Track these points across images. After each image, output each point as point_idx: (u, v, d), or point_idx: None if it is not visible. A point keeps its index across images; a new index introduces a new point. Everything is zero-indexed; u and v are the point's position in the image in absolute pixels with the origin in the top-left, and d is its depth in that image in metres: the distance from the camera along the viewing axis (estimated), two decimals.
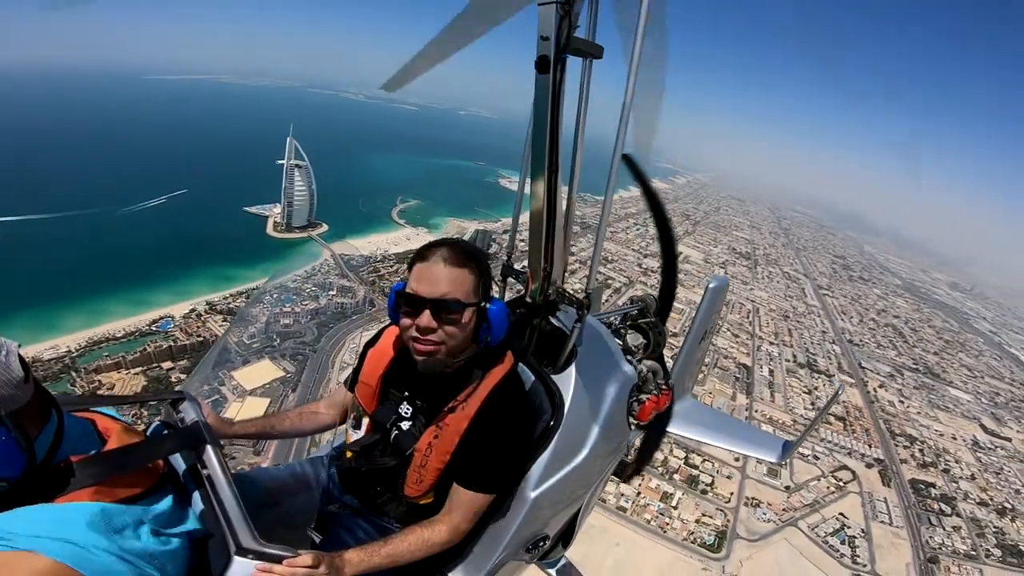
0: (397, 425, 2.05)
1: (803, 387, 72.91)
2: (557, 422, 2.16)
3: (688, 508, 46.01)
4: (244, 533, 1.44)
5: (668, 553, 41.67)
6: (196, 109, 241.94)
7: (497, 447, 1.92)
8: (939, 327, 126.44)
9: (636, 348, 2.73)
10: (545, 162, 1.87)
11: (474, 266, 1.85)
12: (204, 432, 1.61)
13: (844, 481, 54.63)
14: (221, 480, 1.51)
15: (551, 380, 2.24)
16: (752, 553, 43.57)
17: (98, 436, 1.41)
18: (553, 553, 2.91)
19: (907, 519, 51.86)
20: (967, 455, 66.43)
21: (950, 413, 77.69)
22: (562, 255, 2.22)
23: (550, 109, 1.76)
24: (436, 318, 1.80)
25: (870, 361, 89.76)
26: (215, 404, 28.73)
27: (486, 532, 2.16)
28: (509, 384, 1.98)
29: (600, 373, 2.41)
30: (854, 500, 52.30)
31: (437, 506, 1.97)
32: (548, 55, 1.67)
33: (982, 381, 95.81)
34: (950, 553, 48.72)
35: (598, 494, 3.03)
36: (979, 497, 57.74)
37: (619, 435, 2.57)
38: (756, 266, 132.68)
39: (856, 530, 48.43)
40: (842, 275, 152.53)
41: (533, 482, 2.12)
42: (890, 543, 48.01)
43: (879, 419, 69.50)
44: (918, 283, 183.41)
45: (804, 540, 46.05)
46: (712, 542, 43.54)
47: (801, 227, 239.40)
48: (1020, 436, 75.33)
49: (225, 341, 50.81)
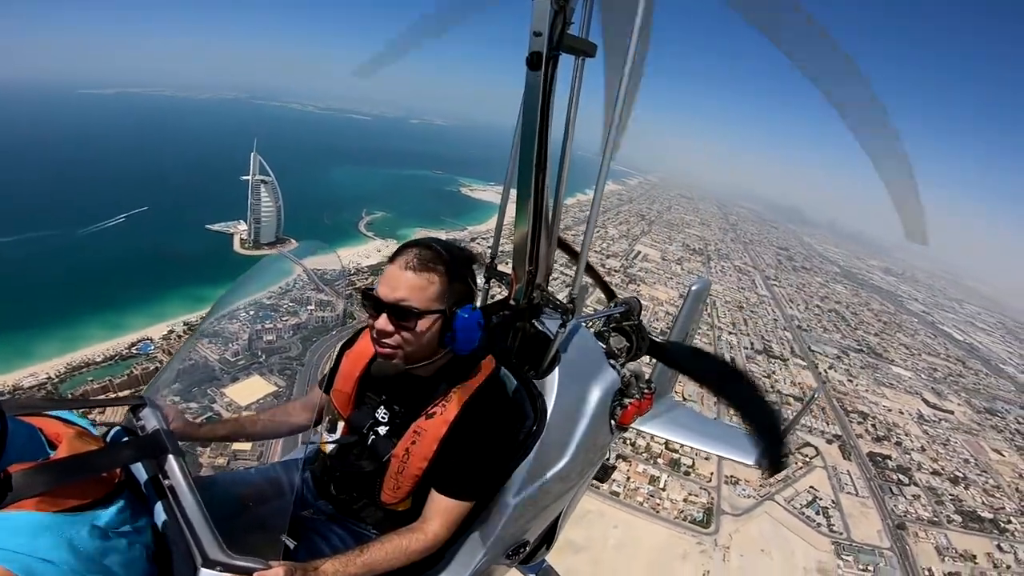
0: (374, 430, 2.00)
1: (762, 372, 76.64)
2: (539, 428, 2.11)
3: (675, 489, 48.83)
4: (211, 544, 1.40)
5: (663, 531, 44.38)
6: (141, 124, 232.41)
7: (477, 453, 1.88)
8: (877, 310, 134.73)
9: (619, 351, 2.74)
10: (533, 160, 1.85)
11: (442, 271, 1.78)
12: (165, 440, 1.53)
13: (809, 457, 58.28)
14: (184, 490, 1.44)
15: (534, 385, 2.19)
16: (739, 527, 46.72)
17: (47, 443, 1.34)
18: (535, 556, 2.88)
19: (871, 490, 55.69)
20: (915, 428, 71.30)
21: (895, 389, 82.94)
22: (547, 258, 2.22)
23: (540, 107, 1.74)
24: (393, 323, 1.76)
25: (818, 344, 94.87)
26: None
27: (466, 538, 2.11)
28: (489, 389, 1.93)
29: (584, 378, 2.40)
30: (821, 474, 56.06)
31: (415, 512, 1.92)
32: (541, 51, 1.64)
33: (920, 358, 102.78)
34: (915, 520, 52.30)
35: (579, 497, 2.96)
36: (932, 467, 61.91)
37: (601, 439, 2.54)
38: (709, 261, 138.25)
39: (827, 501, 52.14)
40: (787, 265, 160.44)
41: (515, 488, 2.08)
42: (859, 512, 51.77)
43: (832, 398, 73.95)
44: (855, 270, 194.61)
45: (783, 513, 49.54)
46: (701, 518, 46.42)
47: (747, 222, 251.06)
48: (961, 409, 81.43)
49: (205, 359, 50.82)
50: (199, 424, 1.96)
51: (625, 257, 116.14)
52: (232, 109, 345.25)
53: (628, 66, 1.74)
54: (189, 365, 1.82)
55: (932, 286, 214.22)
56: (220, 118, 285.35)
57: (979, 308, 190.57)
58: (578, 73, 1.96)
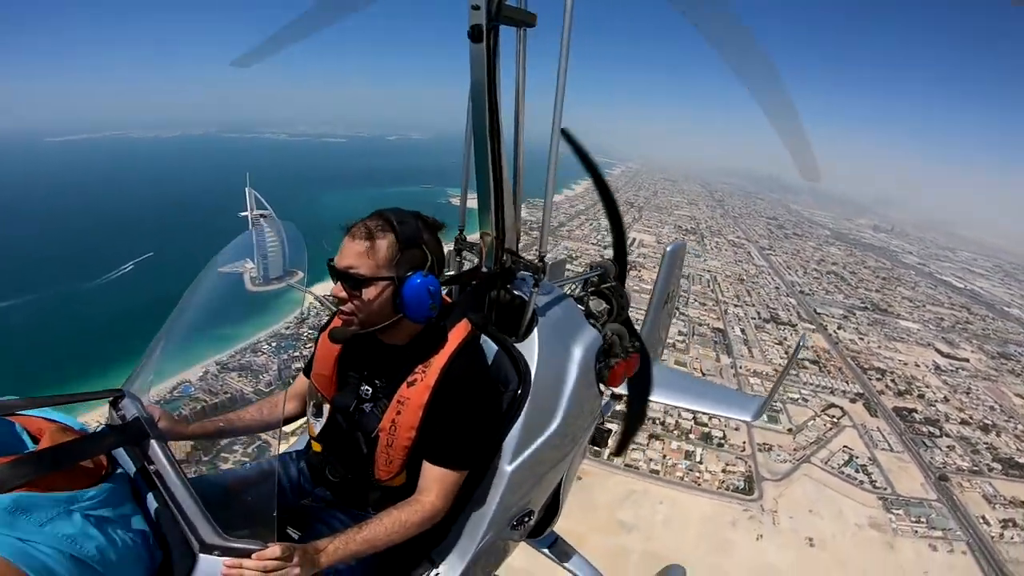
0: (359, 408, 2.00)
1: (774, 340, 78.15)
2: (525, 391, 2.12)
3: (711, 461, 49.78)
4: (206, 529, 1.39)
5: (708, 502, 45.35)
6: (120, 168, 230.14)
7: (462, 418, 1.89)
8: (874, 267, 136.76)
9: (600, 313, 2.74)
10: (486, 130, 1.89)
11: (391, 238, 1.80)
12: (146, 426, 1.52)
13: (836, 417, 59.35)
14: (171, 475, 1.44)
15: (514, 348, 2.20)
16: (782, 491, 47.62)
17: (31, 438, 1.36)
18: (543, 529, 2.93)
19: (904, 444, 56.35)
20: (934, 379, 72.06)
21: (906, 343, 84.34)
22: (513, 222, 2.23)
23: (487, 78, 1.78)
24: (345, 290, 1.81)
25: (824, 307, 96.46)
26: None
27: (468, 511, 2.12)
28: (466, 352, 1.94)
29: (564, 338, 2.41)
30: (851, 433, 56.95)
31: (411, 487, 1.93)
32: (480, 24, 1.68)
33: (925, 310, 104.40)
34: (955, 470, 52.84)
35: (578, 464, 2.97)
36: (959, 417, 62.57)
37: (590, 400, 2.55)
38: (703, 239, 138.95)
39: (864, 459, 52.91)
40: (778, 234, 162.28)
41: (508, 455, 2.10)
42: (898, 467, 52.54)
43: (846, 357, 75.26)
44: (844, 231, 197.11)
45: (822, 473, 50.34)
46: (743, 486, 47.38)
47: (733, 196, 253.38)
48: (975, 356, 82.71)
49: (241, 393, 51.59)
50: (187, 421, 1.97)
51: None
52: (205, 145, 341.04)
53: (566, 33, 1.89)
54: (167, 357, 1.83)
55: (922, 238, 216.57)
56: (197, 155, 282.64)
57: (973, 254, 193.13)
58: (522, 45, 2.03)
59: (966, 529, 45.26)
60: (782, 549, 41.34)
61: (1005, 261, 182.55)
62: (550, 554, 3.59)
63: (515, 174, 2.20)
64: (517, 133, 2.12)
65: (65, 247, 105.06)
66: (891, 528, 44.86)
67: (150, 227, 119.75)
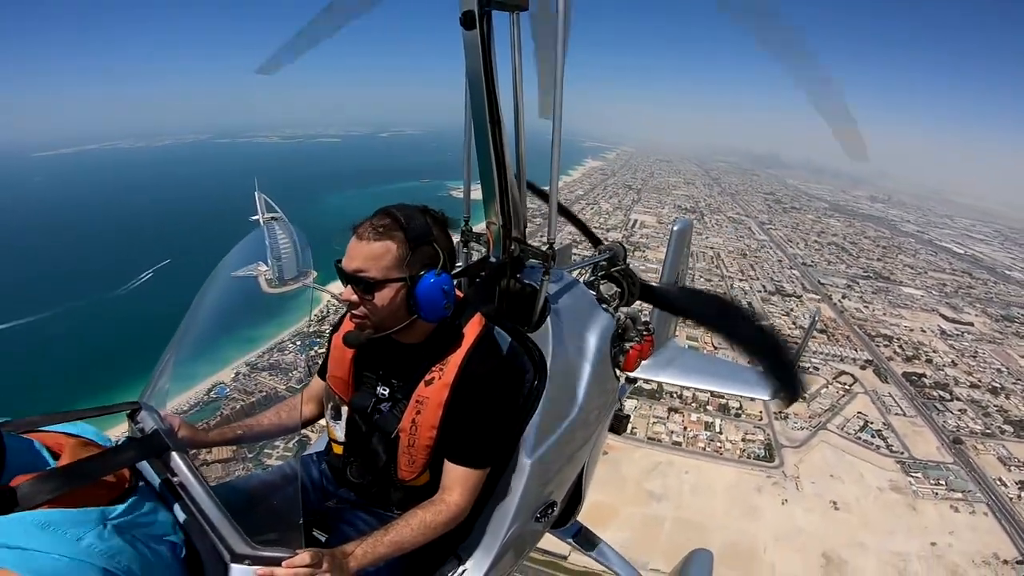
0: (377, 408, 1.99)
1: (780, 311, 78.97)
2: (541, 381, 2.10)
3: (731, 431, 51.11)
4: (234, 539, 1.41)
5: (732, 471, 46.75)
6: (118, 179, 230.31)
7: (482, 415, 1.87)
8: (873, 236, 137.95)
9: (611, 297, 2.73)
10: (486, 118, 1.88)
11: (400, 237, 1.74)
12: (165, 438, 1.51)
13: (848, 384, 60.50)
14: (196, 486, 1.45)
15: (528, 339, 2.17)
16: (801, 457, 48.99)
17: (50, 454, 1.34)
18: (568, 519, 2.93)
19: (916, 408, 57.34)
20: (940, 344, 73.30)
21: (911, 309, 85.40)
22: (520, 210, 2.21)
23: (482, 64, 1.77)
24: (356, 293, 1.77)
25: (827, 277, 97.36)
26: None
27: (491, 506, 2.10)
28: (483, 347, 1.91)
29: (578, 325, 2.40)
30: (864, 399, 58.11)
31: (434, 486, 1.92)
32: (472, 9, 1.67)
33: (927, 276, 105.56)
34: (969, 433, 53.68)
35: (599, 452, 2.92)
36: (968, 380, 63.52)
37: (608, 386, 2.54)
38: (703, 217, 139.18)
39: (879, 424, 54.18)
40: (776, 209, 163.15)
41: (529, 447, 2.08)
42: (913, 431, 53.71)
43: (853, 326, 76.38)
44: (842, 203, 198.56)
45: (839, 439, 51.73)
46: (764, 454, 48.72)
47: (729, 174, 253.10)
48: (979, 320, 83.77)
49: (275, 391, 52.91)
50: (206, 430, 1.95)
51: (624, 227, 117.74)
52: (199, 152, 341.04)
53: (562, 15, 1.83)
54: (182, 365, 1.82)
55: (920, 206, 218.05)
56: (193, 163, 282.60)
57: (971, 220, 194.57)
58: (515, 28, 1.98)
59: (985, 491, 46.31)
60: (808, 513, 42.70)
61: (1004, 226, 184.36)
62: (575, 543, 3.62)
63: (518, 160, 2.18)
64: (517, 119, 2.10)
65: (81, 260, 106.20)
66: (911, 491, 46.06)
67: (161, 235, 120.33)
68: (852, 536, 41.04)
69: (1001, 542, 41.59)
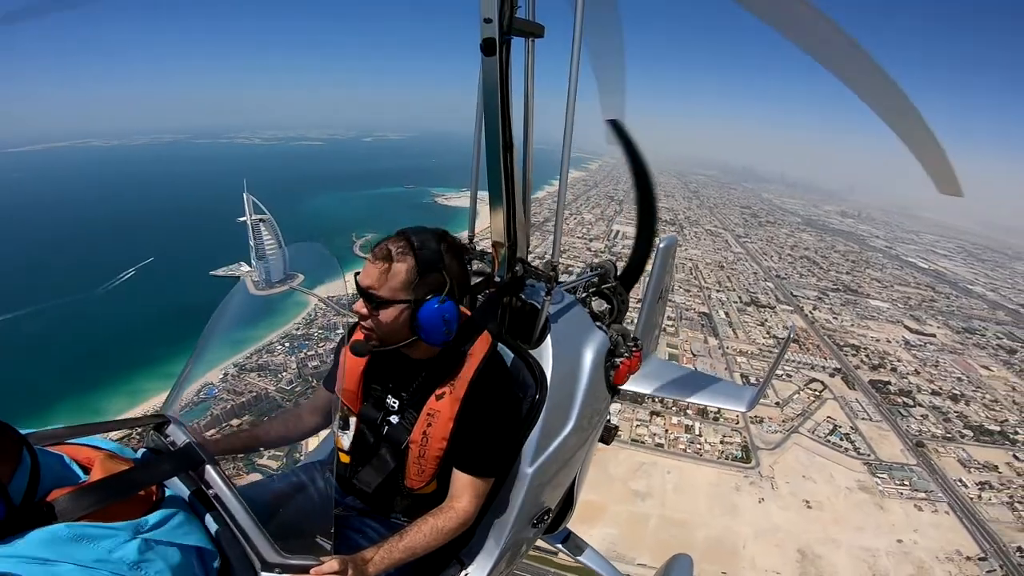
0: (386, 420, 2.04)
1: (756, 321, 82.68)
2: (542, 396, 2.18)
3: (710, 434, 53.62)
4: (266, 548, 1.45)
5: (711, 471, 49.15)
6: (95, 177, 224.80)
7: (491, 428, 1.96)
8: (843, 251, 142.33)
9: (602, 314, 2.84)
10: (499, 142, 1.90)
11: (411, 262, 1.82)
12: (199, 452, 1.55)
13: (818, 391, 63.77)
14: (230, 498, 1.48)
15: (530, 356, 2.25)
16: (776, 459, 51.58)
17: (81, 468, 1.36)
18: (559, 525, 3.06)
19: (882, 414, 60.61)
20: (905, 354, 76.87)
21: (877, 321, 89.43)
22: (524, 231, 2.26)
23: (499, 90, 1.79)
24: (366, 307, 1.84)
25: (799, 289, 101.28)
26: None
27: (493, 513, 2.19)
28: (491, 364, 1.98)
29: (575, 343, 2.46)
30: (833, 405, 61.43)
31: (440, 494, 1.98)
32: (493, 37, 1.69)
33: (893, 290, 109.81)
34: (931, 437, 56.62)
35: (589, 462, 3.02)
36: (930, 388, 67.04)
37: (601, 401, 2.65)
38: (682, 229, 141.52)
39: (847, 428, 57.21)
40: (752, 222, 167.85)
41: (528, 458, 2.16)
42: (879, 435, 56.72)
43: (823, 336, 79.86)
44: (814, 217, 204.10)
45: (811, 442, 54.53)
46: (740, 455, 51.37)
47: (707, 187, 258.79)
48: (941, 331, 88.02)
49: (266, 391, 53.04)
50: (216, 440, 2.07)
51: (607, 238, 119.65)
52: (177, 152, 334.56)
53: (577, 37, 1.92)
54: (197, 381, 1.87)
55: (888, 222, 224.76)
56: (172, 162, 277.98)
57: (936, 236, 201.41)
58: (530, 55, 2.02)
59: (946, 491, 49.08)
60: (784, 511, 45.06)
61: (967, 242, 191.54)
62: (564, 548, 3.70)
63: (524, 184, 2.19)
64: (526, 143, 2.13)
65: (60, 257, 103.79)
66: (878, 491, 48.72)
67: (143, 234, 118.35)
68: (825, 533, 43.40)
69: (963, 539, 44.15)
